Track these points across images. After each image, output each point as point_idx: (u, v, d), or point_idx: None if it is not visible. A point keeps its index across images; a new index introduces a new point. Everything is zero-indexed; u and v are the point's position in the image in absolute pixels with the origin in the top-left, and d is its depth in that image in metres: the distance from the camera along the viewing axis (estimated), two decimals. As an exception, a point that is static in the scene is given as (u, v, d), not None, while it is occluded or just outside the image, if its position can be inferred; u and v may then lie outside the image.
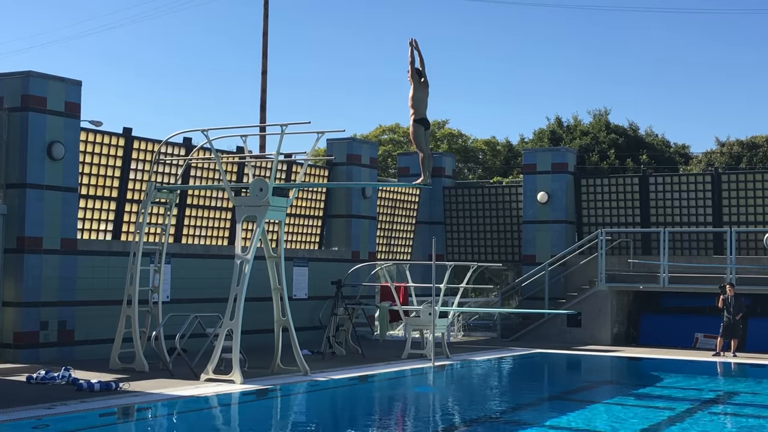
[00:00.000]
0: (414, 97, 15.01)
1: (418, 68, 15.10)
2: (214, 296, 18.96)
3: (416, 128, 15.06)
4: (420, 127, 15.03)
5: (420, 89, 15.03)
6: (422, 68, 15.12)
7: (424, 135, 15.08)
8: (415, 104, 15.01)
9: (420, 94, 15.02)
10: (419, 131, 15.02)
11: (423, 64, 15.12)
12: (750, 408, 13.93)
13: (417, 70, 15.08)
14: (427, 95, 15.17)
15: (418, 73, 15.08)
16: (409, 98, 15.04)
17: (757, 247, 23.68)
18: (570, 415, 12.73)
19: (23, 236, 16.70)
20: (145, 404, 12.45)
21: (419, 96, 15.02)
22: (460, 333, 25.50)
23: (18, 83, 16.87)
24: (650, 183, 25.21)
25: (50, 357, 16.79)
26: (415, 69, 15.05)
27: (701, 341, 22.80)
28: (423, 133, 15.05)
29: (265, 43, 32.81)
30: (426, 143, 15.20)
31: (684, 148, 44.09)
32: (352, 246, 24.01)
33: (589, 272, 24.26)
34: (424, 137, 15.09)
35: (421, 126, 15.05)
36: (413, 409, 13.67)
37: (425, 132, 15.11)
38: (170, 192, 16.86)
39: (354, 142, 24.43)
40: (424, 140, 15.10)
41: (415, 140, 15.17)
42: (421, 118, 15.06)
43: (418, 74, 15.07)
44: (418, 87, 15.01)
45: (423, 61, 15.12)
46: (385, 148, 44.10)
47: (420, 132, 15.02)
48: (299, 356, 15.58)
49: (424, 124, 15.08)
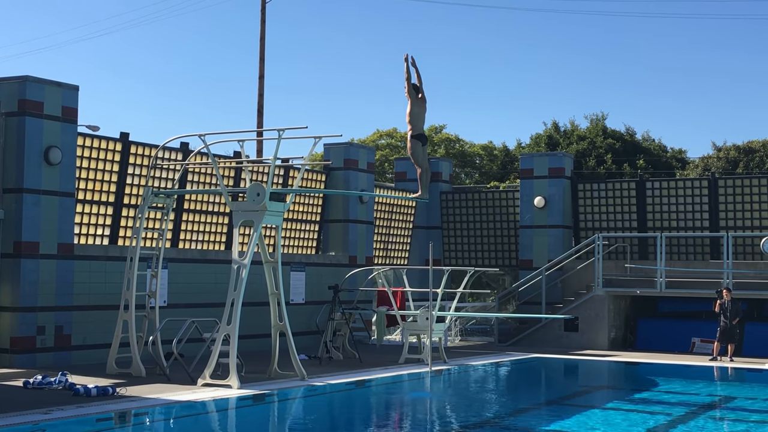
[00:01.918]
0: (411, 112, 15.02)
1: (416, 84, 15.10)
2: (211, 301, 18.96)
3: (414, 144, 15.08)
4: (417, 142, 15.06)
5: (417, 105, 15.04)
6: (419, 83, 15.13)
7: (421, 150, 15.11)
8: (412, 120, 15.03)
9: (417, 109, 15.04)
10: (417, 147, 15.05)
11: (420, 80, 15.13)
12: (747, 413, 13.93)
13: (414, 86, 15.08)
14: (425, 111, 15.18)
15: (416, 88, 15.09)
16: (407, 114, 15.04)
17: (754, 252, 23.72)
18: (567, 420, 12.74)
19: (20, 241, 16.68)
20: (142, 409, 12.43)
21: (417, 112, 15.03)
22: (457, 338, 25.50)
23: (15, 88, 16.87)
24: (647, 188, 25.24)
25: (47, 362, 16.78)
26: (412, 84, 15.05)
27: (698, 346, 22.81)
28: (421, 149, 15.08)
29: (262, 47, 32.85)
30: (424, 158, 15.23)
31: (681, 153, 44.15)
32: (349, 251, 24.01)
33: (586, 277, 24.28)
34: (421, 153, 15.12)
35: (419, 142, 15.07)
36: (410, 414, 13.66)
37: (423, 147, 15.14)
38: (167, 197, 16.86)
39: (351, 146, 24.46)
40: (421, 156, 15.12)
41: (412, 156, 15.20)
42: (419, 133, 15.09)
43: (415, 90, 15.07)
44: (415, 102, 15.03)
45: (420, 77, 15.13)
46: (382, 152, 44.15)
47: (417, 147, 15.05)
48: (296, 361, 15.57)
49: (421, 140, 15.11)
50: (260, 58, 32.81)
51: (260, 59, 32.80)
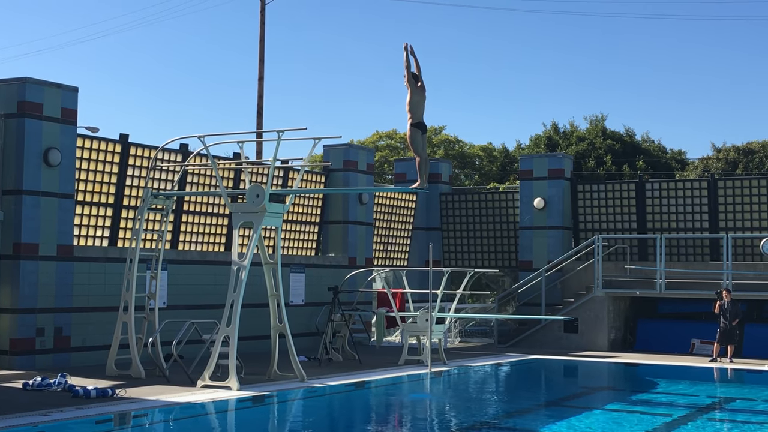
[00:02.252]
0: (411, 101, 15.01)
1: (415, 72, 15.10)
2: (211, 302, 18.95)
3: (413, 132, 15.06)
4: (417, 131, 15.04)
5: (417, 93, 15.03)
6: (418, 72, 15.13)
7: (421, 139, 15.08)
8: (412, 108, 15.01)
9: (417, 98, 15.03)
10: (416, 135, 15.02)
11: (419, 68, 15.13)
12: (746, 414, 13.93)
13: (413, 74, 15.08)
14: (424, 99, 15.16)
15: (415, 77, 15.09)
16: (407, 102, 15.04)
17: (753, 253, 23.71)
18: (567, 421, 12.73)
19: (19, 243, 16.67)
20: (141, 411, 12.43)
21: (416, 100, 15.02)
22: (456, 339, 25.50)
23: (14, 89, 16.87)
24: (647, 189, 25.24)
25: (46, 364, 16.77)
26: (411, 73, 15.05)
27: (698, 347, 22.81)
28: (420, 137, 15.06)
29: (262, 49, 32.86)
30: (423, 147, 15.20)
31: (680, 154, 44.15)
32: (349, 252, 24.01)
33: (585, 278, 24.27)
34: (421, 141, 15.09)
35: (418, 130, 15.05)
36: (410, 415, 13.65)
37: (422, 136, 15.11)
38: (167, 198, 16.85)
39: (351, 148, 24.45)
40: (421, 144, 15.10)
41: (412, 144, 15.18)
42: (418, 122, 15.07)
43: (414, 78, 15.07)
44: (415, 91, 15.02)
45: (419, 65, 15.13)
46: (381, 153, 44.13)
47: (417, 136, 15.02)
48: (296, 362, 15.56)
49: (421, 128, 15.08)
50: (260, 59, 32.82)
51: (260, 61, 32.80)
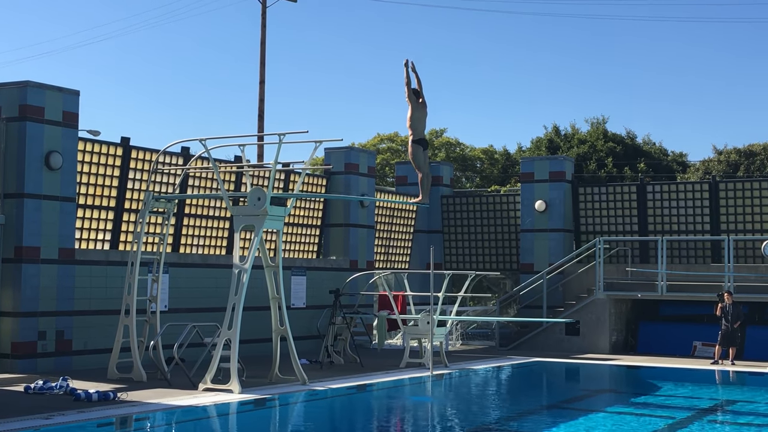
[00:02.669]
0: (412, 117, 15.03)
1: (416, 88, 15.11)
2: (212, 305, 18.96)
3: (415, 149, 15.10)
4: (419, 147, 15.08)
5: (418, 109, 15.05)
6: (419, 88, 15.14)
7: (423, 155, 15.12)
8: (413, 125, 15.04)
9: (418, 114, 15.05)
10: (418, 152, 15.07)
11: (420, 84, 15.15)
12: (748, 416, 13.92)
13: (414, 91, 15.08)
14: (426, 115, 15.19)
15: (416, 93, 15.10)
16: (407, 119, 15.05)
17: (755, 255, 23.71)
18: (568, 424, 12.72)
19: (21, 246, 16.69)
20: (143, 414, 12.44)
21: (417, 116, 15.05)
22: (458, 342, 25.49)
23: (16, 93, 16.88)
24: (648, 191, 25.24)
25: (48, 367, 16.77)
26: (412, 89, 15.06)
27: (699, 349, 22.80)
28: (422, 154, 15.10)
29: (263, 52, 32.88)
30: (425, 163, 15.24)
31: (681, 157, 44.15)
32: (350, 255, 24.01)
33: (587, 281, 24.27)
34: (423, 158, 15.13)
35: (420, 147, 15.09)
36: (411, 418, 13.65)
37: (424, 152, 15.15)
38: (168, 201, 16.87)
39: (352, 151, 24.46)
40: (423, 161, 15.14)
41: (414, 161, 15.22)
42: (420, 138, 15.10)
43: (415, 95, 15.08)
44: (415, 107, 15.04)
45: (420, 82, 15.14)
46: (383, 156, 44.15)
47: (419, 152, 15.06)
48: (297, 365, 15.56)
49: (422, 145, 15.13)
50: (261, 62, 32.84)
51: (261, 64, 32.83)
